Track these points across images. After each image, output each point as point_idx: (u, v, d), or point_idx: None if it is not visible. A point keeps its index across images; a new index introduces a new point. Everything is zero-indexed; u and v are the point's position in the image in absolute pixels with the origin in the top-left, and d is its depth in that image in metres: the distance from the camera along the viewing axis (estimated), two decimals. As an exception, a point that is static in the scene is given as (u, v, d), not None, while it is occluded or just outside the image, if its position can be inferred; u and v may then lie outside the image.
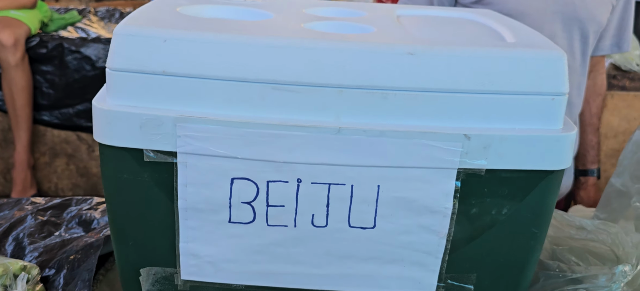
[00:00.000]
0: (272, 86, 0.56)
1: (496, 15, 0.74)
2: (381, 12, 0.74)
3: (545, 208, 0.62)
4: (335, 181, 0.58)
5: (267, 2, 0.76)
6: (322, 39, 0.57)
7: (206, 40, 0.56)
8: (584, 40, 1.23)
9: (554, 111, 0.58)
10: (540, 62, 0.56)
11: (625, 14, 1.31)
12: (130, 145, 0.57)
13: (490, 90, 0.56)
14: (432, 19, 0.74)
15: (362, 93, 0.56)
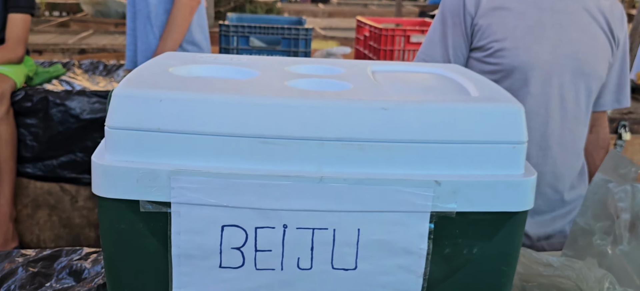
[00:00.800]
0: (259, 139, 0.61)
1: (463, 71, 0.81)
2: (357, 68, 0.80)
3: (513, 247, 0.67)
4: (318, 226, 0.63)
5: (252, 60, 0.82)
6: (304, 97, 0.63)
7: (198, 100, 0.61)
8: (588, 93, 1.33)
9: (515, 158, 0.64)
10: (501, 114, 0.63)
11: (622, 71, 1.42)
12: (128, 197, 0.61)
13: (457, 140, 0.62)
14: (404, 74, 0.81)
15: (341, 145, 0.62)
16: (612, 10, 1.34)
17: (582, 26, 1.30)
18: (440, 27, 1.36)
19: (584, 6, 1.31)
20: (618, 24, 1.35)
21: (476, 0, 1.29)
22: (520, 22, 1.27)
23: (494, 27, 1.28)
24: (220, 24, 2.41)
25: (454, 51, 1.34)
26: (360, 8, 8.27)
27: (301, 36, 2.42)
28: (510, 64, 1.27)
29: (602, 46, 1.32)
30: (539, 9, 1.28)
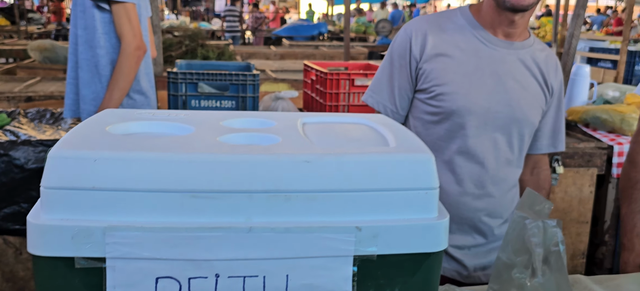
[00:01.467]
0: (190, 194, 0.65)
1: (386, 121, 0.88)
2: (288, 121, 0.86)
3: (431, 284, 0.73)
4: (249, 273, 0.67)
5: (189, 116, 0.87)
6: (232, 153, 0.67)
7: (131, 158, 0.65)
8: (520, 138, 1.43)
9: (428, 203, 0.70)
10: (414, 163, 0.69)
11: (558, 117, 1.52)
12: (63, 254, 0.64)
13: (375, 188, 0.68)
14: (332, 126, 0.87)
15: (268, 196, 0.66)
16: (547, 61, 1.45)
17: (517, 76, 1.39)
18: (388, 68, 1.45)
19: (519, 58, 1.41)
20: (552, 74, 1.46)
21: (421, 46, 1.39)
22: (460, 69, 1.37)
23: (436, 72, 1.37)
24: (169, 71, 2.44)
25: (399, 91, 1.43)
26: (311, 50, 8.43)
27: (249, 82, 2.48)
28: (449, 107, 1.36)
29: (535, 95, 1.42)
30: (477, 58, 1.38)
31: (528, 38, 1.44)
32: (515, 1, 1.30)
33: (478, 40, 1.39)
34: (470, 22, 1.41)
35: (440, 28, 1.41)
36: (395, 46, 1.45)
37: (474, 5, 1.46)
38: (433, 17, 1.45)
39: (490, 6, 1.38)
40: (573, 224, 2.63)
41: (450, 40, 1.39)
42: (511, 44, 1.40)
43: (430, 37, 1.39)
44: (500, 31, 1.39)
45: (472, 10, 1.44)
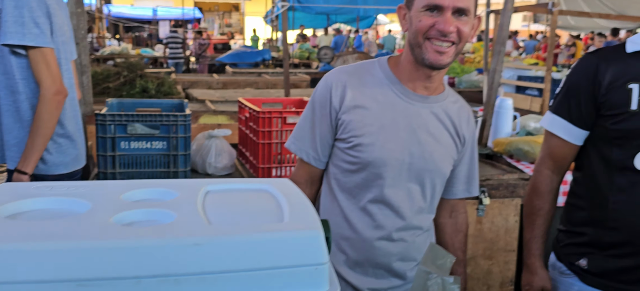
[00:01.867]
0: (76, 282, 0.65)
1: (288, 188, 0.90)
2: (191, 191, 0.86)
3: (326, 354, 0.75)
4: None
5: (89, 189, 0.86)
6: (121, 239, 0.68)
7: (15, 250, 0.64)
8: (432, 186, 1.50)
9: (318, 278, 0.72)
10: (302, 241, 0.71)
11: (471, 165, 1.60)
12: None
13: (265, 267, 0.70)
14: (233, 195, 0.88)
15: (157, 281, 0.67)
16: (459, 113, 1.53)
17: (430, 129, 1.46)
18: (310, 117, 1.49)
19: (433, 111, 1.47)
20: (464, 125, 1.53)
21: (340, 97, 1.44)
22: (377, 121, 1.42)
23: (354, 123, 1.42)
24: (96, 113, 2.39)
25: (321, 139, 1.48)
26: (254, 77, 8.45)
27: (180, 122, 2.46)
28: (366, 158, 1.42)
29: (447, 147, 1.50)
30: (393, 111, 1.43)
31: (443, 91, 1.51)
32: (433, 60, 1.36)
33: (394, 94, 1.44)
34: (387, 75, 1.46)
35: (359, 80, 1.46)
36: (316, 96, 1.49)
37: (393, 57, 1.51)
38: (353, 69, 1.50)
39: (409, 61, 1.43)
40: (500, 253, 2.73)
41: (368, 93, 1.44)
42: (426, 98, 1.46)
43: (349, 90, 1.44)
44: (417, 85, 1.45)
45: (390, 64, 1.49)
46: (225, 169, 2.71)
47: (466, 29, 1.36)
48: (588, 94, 1.50)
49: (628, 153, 1.45)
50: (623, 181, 1.46)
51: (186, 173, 2.50)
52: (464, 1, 1.33)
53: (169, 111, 2.88)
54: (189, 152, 2.51)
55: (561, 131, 1.57)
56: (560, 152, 1.60)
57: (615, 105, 1.45)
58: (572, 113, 1.54)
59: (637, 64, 1.46)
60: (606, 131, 1.48)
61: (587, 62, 1.52)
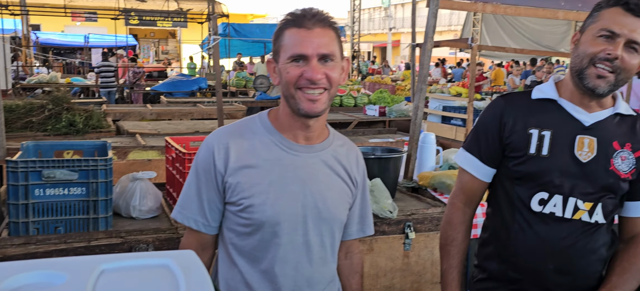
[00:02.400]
0: None
1: (187, 264, 0.89)
2: (84, 270, 0.83)
3: None
4: None
5: None
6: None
7: None
8: (331, 235, 1.49)
9: None
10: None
11: (364, 205, 1.61)
12: None
13: None
14: (130, 274, 0.86)
15: None
16: (348, 156, 1.52)
17: (321, 178, 1.44)
18: (195, 182, 1.44)
19: (321, 159, 1.45)
20: (354, 167, 1.53)
21: (224, 159, 1.39)
22: (265, 179, 1.39)
23: (242, 184, 1.38)
24: (7, 160, 2.26)
25: (209, 204, 1.43)
26: (189, 107, 8.31)
27: (100, 167, 2.38)
28: (259, 218, 1.38)
29: (340, 192, 1.49)
30: (281, 166, 1.41)
31: (327, 137, 1.50)
32: (308, 108, 1.36)
33: (279, 148, 1.42)
34: (269, 129, 1.44)
35: (242, 139, 1.42)
36: (199, 161, 1.45)
37: (273, 111, 1.50)
38: (234, 129, 1.47)
39: (286, 113, 1.43)
40: (427, 286, 2.79)
41: (252, 151, 1.41)
42: (311, 147, 1.45)
43: (232, 151, 1.40)
44: (298, 136, 1.44)
45: (270, 117, 1.47)
46: (150, 212, 2.64)
47: (334, 74, 1.37)
48: (495, 135, 1.60)
49: (526, 194, 1.55)
50: (522, 220, 1.56)
51: (107, 219, 2.41)
52: (328, 47, 1.35)
53: (91, 152, 2.78)
54: (111, 197, 2.43)
55: (471, 168, 1.66)
56: (470, 187, 1.68)
57: (517, 147, 1.56)
58: (481, 151, 1.63)
59: (539, 111, 1.57)
60: (509, 171, 1.59)
61: (496, 104, 1.63)
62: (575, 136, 1.52)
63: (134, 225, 2.49)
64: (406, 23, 38.50)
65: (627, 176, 1.54)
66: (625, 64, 1.45)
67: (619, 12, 1.45)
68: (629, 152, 1.54)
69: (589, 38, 1.48)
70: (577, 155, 1.52)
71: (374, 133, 6.07)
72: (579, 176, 1.51)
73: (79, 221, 2.36)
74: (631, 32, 1.44)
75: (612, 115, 1.56)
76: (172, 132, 5.78)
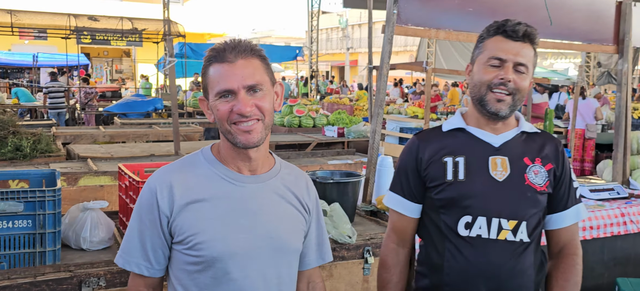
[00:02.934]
0: None
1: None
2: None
3: None
4: None
5: None
6: None
7: None
8: (288, 266, 1.44)
9: None
10: None
11: (319, 231, 1.57)
12: None
13: None
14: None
15: None
16: (297, 183, 1.48)
17: (272, 208, 1.40)
18: (138, 226, 1.37)
19: (270, 188, 1.41)
20: (305, 194, 1.49)
21: (169, 199, 1.34)
22: (213, 214, 1.34)
23: (189, 222, 1.33)
24: (-55, 193, 2.14)
25: (152, 246, 1.36)
26: (144, 129, 8.13)
27: (48, 198, 2.28)
28: (210, 255, 1.33)
29: (294, 221, 1.44)
30: (229, 199, 1.36)
31: (273, 165, 1.47)
32: (244, 140, 1.34)
33: (226, 181, 1.38)
34: (213, 163, 1.40)
35: (186, 176, 1.37)
36: (142, 204, 1.38)
37: (215, 144, 1.47)
38: (176, 167, 1.42)
39: (227, 146, 1.39)
40: (387, 310, 2.79)
41: (198, 187, 1.36)
42: (258, 177, 1.41)
43: (176, 189, 1.35)
44: (242, 167, 1.40)
45: (214, 151, 1.44)
46: (102, 243, 2.54)
47: (265, 103, 1.35)
48: (414, 171, 1.69)
49: (452, 220, 1.61)
50: (452, 246, 1.61)
51: (55, 252, 2.30)
52: (253, 77, 1.33)
53: (38, 181, 2.66)
54: (59, 229, 2.32)
55: (398, 206, 1.72)
56: (400, 225, 1.74)
57: (435, 177, 1.65)
58: (404, 189, 1.71)
59: (450, 141, 1.67)
60: (433, 201, 1.66)
61: (411, 143, 1.73)
62: (487, 158, 1.61)
63: (85, 257, 2.39)
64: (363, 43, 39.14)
65: (543, 188, 1.61)
66: (517, 85, 1.57)
67: (500, 40, 1.58)
68: (540, 166, 1.62)
69: (481, 68, 1.60)
70: (493, 175, 1.59)
71: (333, 154, 6.09)
72: (498, 195, 1.58)
73: (25, 256, 2.25)
74: (516, 56, 1.56)
75: (518, 134, 1.65)
76: (126, 155, 5.62)
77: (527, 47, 1.58)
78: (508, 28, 1.57)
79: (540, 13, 3.43)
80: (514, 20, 1.59)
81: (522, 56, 1.57)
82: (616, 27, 3.78)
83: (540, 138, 1.68)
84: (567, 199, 1.67)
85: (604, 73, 21.56)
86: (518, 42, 1.57)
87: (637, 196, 3.67)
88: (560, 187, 1.66)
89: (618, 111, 3.89)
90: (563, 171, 1.66)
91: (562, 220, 1.68)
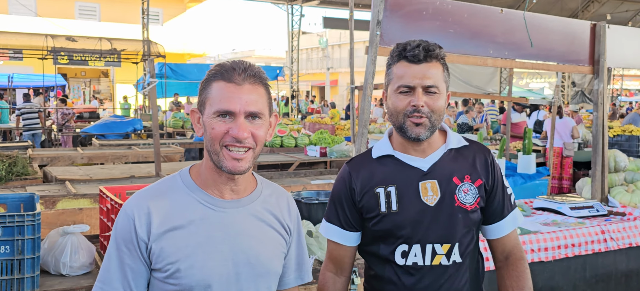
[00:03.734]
0: None
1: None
2: None
3: None
4: None
5: None
6: None
7: None
8: (267, 288, 1.41)
9: None
10: None
11: (299, 251, 1.54)
12: None
13: None
14: None
15: None
16: (278, 204, 1.45)
17: (252, 232, 1.37)
18: (116, 255, 1.32)
19: (250, 213, 1.38)
20: (287, 215, 1.46)
21: (147, 225, 1.29)
22: (191, 241, 1.30)
23: (167, 249, 1.29)
24: None
25: (133, 273, 1.31)
26: (123, 150, 8.02)
27: (28, 223, 2.22)
28: (188, 284, 1.29)
29: (274, 244, 1.41)
30: (207, 225, 1.32)
31: (255, 187, 1.43)
32: (232, 167, 1.30)
33: (204, 206, 1.34)
34: (192, 187, 1.36)
35: (163, 201, 1.33)
36: (118, 231, 1.32)
37: (194, 166, 1.41)
38: (153, 190, 1.36)
39: (210, 168, 1.35)
40: (373, 331, 2.77)
41: (176, 212, 1.32)
42: (239, 201, 1.37)
43: (154, 215, 1.30)
44: (224, 190, 1.36)
45: (192, 174, 1.39)
46: (82, 268, 2.48)
47: (261, 132, 1.33)
48: (348, 200, 1.66)
49: (388, 250, 1.62)
50: (392, 274, 1.62)
51: (34, 279, 2.24)
52: (256, 105, 1.31)
53: (16, 206, 2.60)
54: (38, 254, 2.27)
55: (335, 236, 1.70)
56: (337, 254, 1.72)
57: (369, 208, 1.62)
58: (340, 218, 1.68)
59: (381, 169, 1.65)
60: (370, 232, 1.65)
61: (343, 172, 1.71)
62: (418, 183, 1.60)
63: (64, 283, 2.33)
64: (343, 63, 39.42)
65: (474, 206, 1.61)
66: (431, 107, 1.55)
67: (404, 65, 1.56)
68: (469, 183, 1.62)
69: (393, 96, 1.59)
70: (424, 200, 1.59)
71: (316, 174, 6.08)
72: (431, 221, 1.58)
73: (2, 283, 2.19)
74: (422, 80, 1.54)
75: (446, 152, 1.64)
76: (106, 177, 5.53)
77: (434, 67, 1.55)
78: (408, 53, 1.55)
79: (519, 35, 3.50)
80: (413, 43, 1.56)
81: (428, 77, 1.54)
82: (591, 48, 3.88)
83: (470, 151, 1.66)
84: (502, 208, 1.67)
85: (578, 92, 22.08)
86: (422, 64, 1.54)
87: (616, 213, 3.73)
88: (493, 198, 1.66)
89: (595, 129, 3.97)
90: (494, 182, 1.65)
91: (502, 229, 1.68)
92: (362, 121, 3.02)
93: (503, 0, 19.92)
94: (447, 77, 1.61)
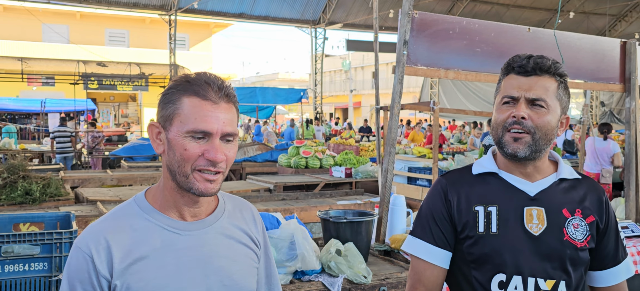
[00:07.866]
0: None
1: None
2: None
3: None
4: None
5: None
6: None
7: None
8: None
9: None
10: None
11: (268, 264, 1.46)
12: None
13: None
14: None
15: None
16: (244, 218, 1.37)
17: (223, 252, 1.29)
18: None
19: (218, 232, 1.30)
20: (253, 227, 1.39)
21: (107, 261, 1.18)
22: (160, 272, 1.22)
23: (134, 286, 1.19)
24: (-36, 236, 2.15)
25: None
26: (151, 172, 8.16)
27: (65, 240, 2.28)
28: None
29: (246, 260, 1.34)
30: (174, 251, 1.24)
31: (218, 203, 1.34)
32: (203, 189, 1.22)
33: (169, 232, 1.25)
34: (150, 212, 1.25)
35: (122, 232, 1.21)
36: (72, 272, 1.19)
37: (150, 190, 1.31)
38: (109, 222, 1.24)
39: (171, 189, 1.25)
40: (403, 352, 2.74)
41: (138, 243, 1.21)
42: (203, 221, 1.29)
43: (114, 249, 1.19)
44: (186, 213, 1.27)
45: (149, 198, 1.28)
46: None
47: (232, 154, 1.25)
48: (444, 215, 1.50)
49: (484, 278, 1.46)
50: None
51: (70, 295, 2.29)
52: (232, 125, 1.23)
53: (53, 224, 2.67)
54: (74, 271, 2.32)
55: (427, 255, 1.51)
56: (429, 276, 1.52)
57: (465, 227, 1.48)
58: (434, 236, 1.51)
59: (481, 187, 1.50)
60: (463, 254, 1.49)
61: (438, 185, 1.56)
62: (523, 209, 1.46)
63: (99, 301, 2.37)
64: (366, 85, 39.54)
65: (584, 244, 1.47)
66: (535, 122, 1.43)
67: (512, 78, 1.48)
68: (581, 218, 1.47)
69: (497, 109, 1.49)
70: (528, 228, 1.45)
71: (342, 195, 6.07)
72: (534, 252, 1.44)
73: (40, 299, 2.24)
74: (528, 91, 1.44)
75: (556, 182, 1.50)
76: (135, 198, 5.63)
77: (544, 80, 1.45)
78: (516, 64, 1.47)
79: (548, 53, 3.48)
80: (524, 55, 1.48)
81: (535, 90, 1.43)
82: (622, 66, 3.83)
83: (582, 186, 1.52)
84: (615, 253, 1.51)
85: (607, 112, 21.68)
86: (531, 76, 1.45)
87: (652, 233, 3.64)
88: (607, 241, 1.50)
89: (628, 148, 3.90)
90: (608, 222, 1.50)
91: (615, 276, 1.52)
92: (389, 140, 3.03)
93: (528, 20, 19.78)
94: (565, 97, 1.48)
